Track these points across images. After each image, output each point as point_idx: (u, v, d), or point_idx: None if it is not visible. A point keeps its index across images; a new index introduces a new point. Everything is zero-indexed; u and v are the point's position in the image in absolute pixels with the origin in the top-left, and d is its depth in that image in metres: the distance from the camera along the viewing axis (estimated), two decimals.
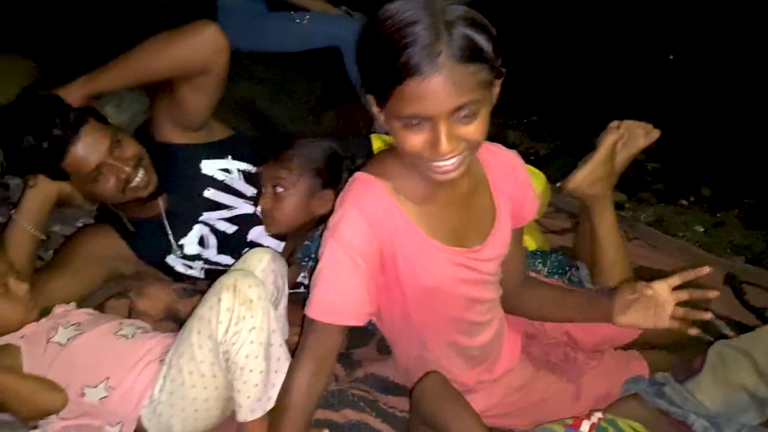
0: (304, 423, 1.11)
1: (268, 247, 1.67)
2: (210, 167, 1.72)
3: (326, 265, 1.07)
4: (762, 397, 1.19)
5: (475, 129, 0.97)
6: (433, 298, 1.16)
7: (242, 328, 1.20)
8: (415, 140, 0.97)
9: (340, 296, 1.07)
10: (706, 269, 1.13)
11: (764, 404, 1.20)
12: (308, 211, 1.56)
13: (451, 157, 0.98)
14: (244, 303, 1.21)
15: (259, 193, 1.63)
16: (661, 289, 1.13)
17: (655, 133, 1.66)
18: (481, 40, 0.93)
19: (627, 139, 1.65)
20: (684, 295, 1.12)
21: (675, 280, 1.14)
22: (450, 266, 1.14)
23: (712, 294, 1.13)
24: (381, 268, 1.11)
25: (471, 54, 0.92)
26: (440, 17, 0.91)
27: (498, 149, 1.23)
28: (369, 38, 0.96)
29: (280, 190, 1.54)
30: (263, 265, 1.35)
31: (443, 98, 0.92)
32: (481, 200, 1.17)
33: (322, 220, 1.50)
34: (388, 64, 0.92)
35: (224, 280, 1.23)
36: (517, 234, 1.28)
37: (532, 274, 1.55)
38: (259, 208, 1.64)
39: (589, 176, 1.62)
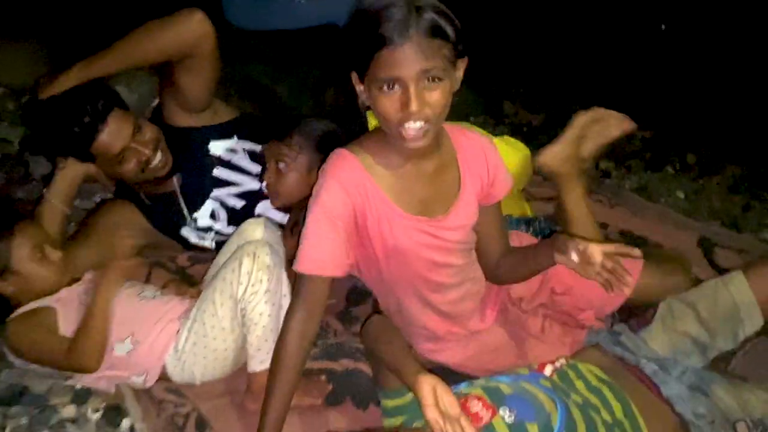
0: (298, 363, 1.27)
1: (263, 217, 1.84)
2: (217, 147, 1.87)
3: (310, 227, 1.25)
4: (703, 342, 1.35)
5: (438, 96, 1.14)
6: (399, 258, 1.32)
7: (259, 290, 1.40)
8: (390, 103, 1.14)
9: (322, 252, 1.24)
10: (637, 252, 1.21)
11: (705, 349, 1.36)
12: (309, 185, 1.70)
13: (419, 119, 1.14)
14: (261, 268, 1.40)
15: (263, 170, 1.79)
16: (594, 250, 1.22)
17: (629, 125, 1.74)
18: (445, 25, 1.13)
19: (601, 127, 1.73)
20: (609, 264, 1.21)
21: (609, 248, 1.22)
22: (413, 232, 1.30)
23: (629, 279, 1.21)
24: (355, 228, 1.28)
25: (435, 31, 1.12)
26: (412, 3, 1.11)
27: (472, 134, 1.38)
28: (354, 20, 1.15)
29: (282, 165, 1.70)
30: (258, 235, 1.53)
31: (412, 62, 1.10)
32: (448, 177, 1.33)
33: None
34: (368, 37, 1.12)
35: (246, 247, 1.43)
36: (494, 210, 1.41)
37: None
38: (264, 184, 1.81)
39: (557, 154, 1.71)
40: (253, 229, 1.56)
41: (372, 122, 1.98)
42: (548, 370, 1.29)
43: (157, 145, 1.71)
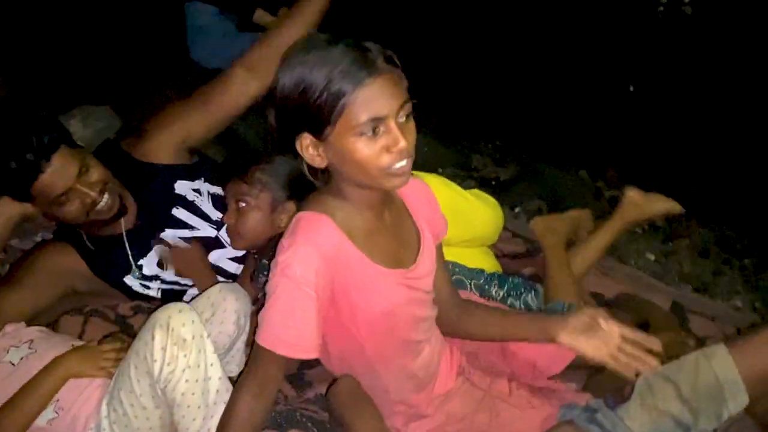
0: None
1: (229, 278, 1.72)
2: (183, 187, 1.76)
3: (279, 300, 1.10)
4: (686, 422, 1.25)
5: (412, 131, 1.08)
6: (385, 323, 1.22)
7: (176, 368, 1.22)
8: (373, 149, 1.05)
9: (294, 331, 1.11)
10: (657, 346, 1.19)
11: (688, 429, 1.25)
12: (272, 225, 1.60)
13: (406, 156, 1.07)
14: (177, 342, 1.22)
15: (224, 217, 1.68)
16: (612, 329, 1.19)
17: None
18: (394, 57, 1.07)
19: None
20: (628, 348, 1.18)
21: (628, 333, 1.18)
22: (396, 287, 1.20)
23: (652, 362, 1.18)
24: (332, 303, 1.15)
25: (393, 61, 1.07)
26: (358, 44, 1.05)
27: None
28: (298, 83, 1.04)
29: (243, 205, 1.59)
30: (227, 304, 1.38)
31: (391, 96, 1.04)
32: (406, 224, 1.26)
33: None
34: (331, 89, 1.02)
35: (159, 315, 1.25)
36: (440, 252, 1.35)
37: (474, 298, 1.60)
38: (222, 232, 1.69)
39: (546, 223, 1.97)
40: (223, 297, 1.39)
41: None
42: None
43: (104, 186, 1.58)
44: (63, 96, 2.64)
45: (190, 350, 1.23)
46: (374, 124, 1.03)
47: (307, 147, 1.09)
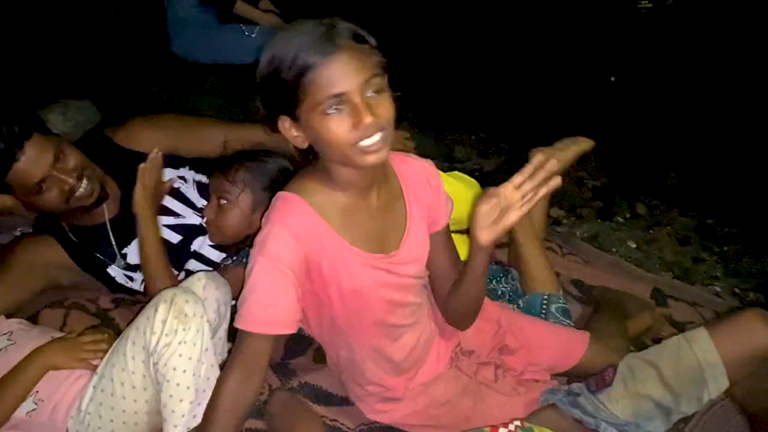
0: (231, 429, 1.13)
1: (210, 265, 1.70)
2: (169, 174, 1.75)
3: (257, 279, 1.12)
4: (667, 405, 1.26)
5: (386, 107, 1.07)
6: (356, 302, 1.22)
7: (173, 341, 1.22)
8: (340, 126, 1.04)
9: (272, 308, 1.12)
10: (553, 163, 1.11)
11: (669, 412, 1.27)
12: (251, 225, 1.59)
13: (375, 131, 1.05)
14: (178, 316, 1.23)
15: (204, 210, 1.67)
16: (506, 190, 1.12)
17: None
18: (364, 33, 1.06)
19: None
20: (527, 185, 1.11)
21: (518, 178, 1.12)
22: (371, 271, 1.20)
23: (553, 173, 1.11)
24: (307, 276, 1.17)
25: (360, 38, 1.06)
26: (325, 22, 1.05)
27: (412, 159, 1.31)
28: (271, 63, 1.05)
29: (224, 202, 1.59)
30: (205, 292, 1.37)
31: (352, 72, 1.02)
32: (397, 208, 1.25)
33: None
34: (294, 67, 1.02)
35: (164, 292, 1.26)
36: (442, 238, 1.32)
37: None
38: (205, 219, 1.68)
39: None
40: (202, 285, 1.37)
41: None
42: None
43: (82, 172, 1.56)
44: (43, 90, 2.61)
45: (189, 326, 1.23)
46: (335, 101, 1.03)
47: (289, 128, 1.10)
